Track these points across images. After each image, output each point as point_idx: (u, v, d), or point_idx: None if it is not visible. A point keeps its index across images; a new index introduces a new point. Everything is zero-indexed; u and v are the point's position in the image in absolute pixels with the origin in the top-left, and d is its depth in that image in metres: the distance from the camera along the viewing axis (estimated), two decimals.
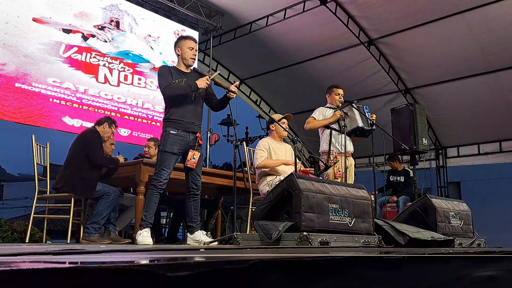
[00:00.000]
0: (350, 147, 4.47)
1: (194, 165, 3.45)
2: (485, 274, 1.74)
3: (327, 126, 4.44)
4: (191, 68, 3.67)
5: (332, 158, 4.34)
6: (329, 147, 4.38)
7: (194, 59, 3.61)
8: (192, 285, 0.85)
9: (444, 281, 1.56)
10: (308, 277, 1.11)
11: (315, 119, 4.46)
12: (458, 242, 3.59)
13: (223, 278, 0.91)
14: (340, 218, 2.79)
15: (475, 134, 8.23)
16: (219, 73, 3.61)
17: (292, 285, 1.06)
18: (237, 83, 3.79)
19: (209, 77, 3.51)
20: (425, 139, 6.31)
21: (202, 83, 3.41)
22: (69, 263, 0.83)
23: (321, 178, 3.91)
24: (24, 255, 1.16)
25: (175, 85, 3.41)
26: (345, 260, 1.25)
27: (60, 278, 0.71)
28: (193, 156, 3.44)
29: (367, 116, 4.48)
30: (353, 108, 4.44)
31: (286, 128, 4.36)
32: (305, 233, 2.50)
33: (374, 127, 4.47)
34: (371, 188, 4.22)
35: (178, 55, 3.59)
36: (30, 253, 1.23)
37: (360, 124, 4.38)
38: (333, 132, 4.43)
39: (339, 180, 4.29)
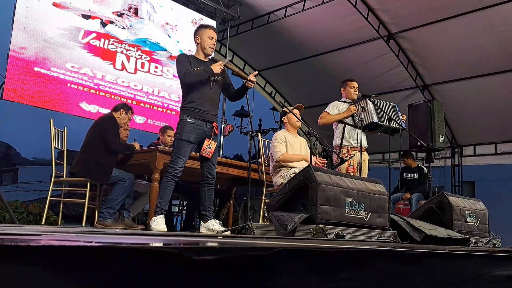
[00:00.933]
0: (364, 142, 4.43)
1: (210, 154, 3.45)
2: (504, 273, 1.71)
3: (340, 121, 4.40)
4: (209, 57, 3.67)
5: (344, 152, 4.31)
6: (341, 142, 4.36)
7: (213, 49, 3.61)
8: (217, 269, 0.85)
9: (463, 279, 1.54)
10: (329, 267, 1.10)
11: (328, 114, 4.43)
12: (473, 241, 3.55)
13: (247, 264, 0.91)
14: (356, 212, 2.78)
15: (493, 133, 8.09)
16: (229, 60, 3.58)
17: (313, 275, 1.06)
18: (256, 73, 3.77)
19: (223, 63, 3.50)
20: (442, 137, 6.22)
21: (217, 67, 3.42)
22: (84, 241, 0.83)
23: (336, 171, 3.88)
24: (46, 234, 1.17)
25: (192, 72, 3.41)
26: (366, 253, 1.24)
27: (88, 255, 0.71)
28: (209, 146, 3.44)
29: (399, 115, 4.42)
30: (370, 102, 4.39)
31: (300, 118, 4.32)
32: (320, 225, 2.50)
33: (404, 125, 4.40)
34: (385, 185, 4.17)
35: (197, 43, 3.58)
36: (53, 231, 1.24)
37: (375, 119, 4.33)
38: (347, 126, 4.39)
39: (352, 174, 4.26)
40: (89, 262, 0.69)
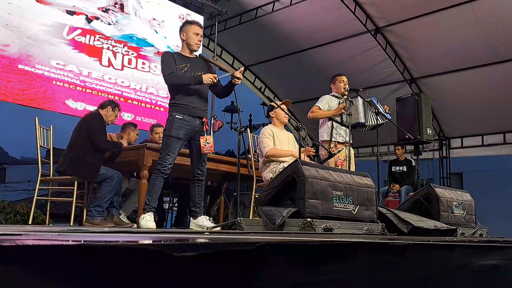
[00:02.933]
0: (351, 139, 4.48)
1: (212, 149, 3.45)
2: (489, 263, 1.73)
3: (329, 117, 4.44)
4: (197, 54, 3.64)
5: (333, 146, 4.34)
6: (330, 137, 4.41)
7: (199, 45, 3.58)
8: (199, 265, 0.84)
9: (448, 269, 1.55)
10: (314, 261, 1.10)
11: (320, 108, 4.46)
12: (460, 231, 3.59)
13: (229, 259, 0.90)
14: (344, 205, 2.80)
15: (480, 125, 8.18)
16: (230, 75, 3.52)
17: (298, 269, 1.06)
18: (242, 69, 3.76)
19: (217, 77, 3.47)
20: (430, 129, 6.28)
21: (207, 79, 3.38)
22: (73, 241, 0.82)
23: (324, 165, 3.90)
24: (28, 234, 1.16)
25: (178, 74, 3.38)
26: (351, 245, 1.24)
27: (64, 254, 0.70)
28: (207, 141, 3.43)
29: (380, 108, 4.46)
30: (359, 99, 4.42)
31: (287, 113, 4.33)
32: (308, 219, 2.51)
33: (389, 117, 4.44)
34: (374, 178, 4.20)
35: (183, 40, 3.56)
36: (34, 231, 1.22)
37: (362, 120, 4.39)
38: (334, 123, 4.44)
39: (340, 168, 4.30)
40: (65, 261, 0.68)
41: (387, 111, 4.45)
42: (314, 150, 4.36)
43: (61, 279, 0.68)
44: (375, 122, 4.40)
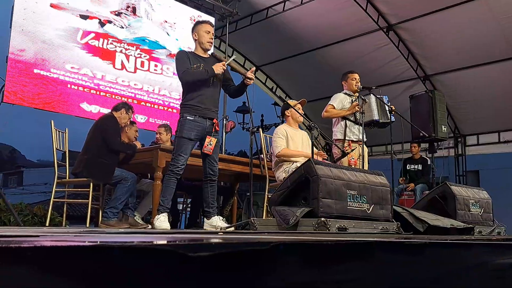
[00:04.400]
0: (364, 137, 4.46)
1: (211, 151, 3.47)
2: (507, 261, 1.70)
3: (343, 117, 4.44)
4: (209, 53, 3.66)
5: (347, 145, 4.33)
6: (344, 136, 4.40)
7: (211, 43, 3.61)
8: (213, 265, 0.84)
9: (465, 268, 1.53)
10: (328, 260, 1.10)
11: (334, 107, 4.45)
12: (478, 230, 3.54)
13: (244, 259, 0.91)
14: (358, 205, 2.79)
15: (496, 121, 8.05)
16: (234, 58, 3.59)
17: (313, 268, 1.05)
18: (253, 69, 3.77)
19: (225, 63, 3.50)
20: (444, 127, 6.19)
21: (218, 68, 3.42)
22: (89, 241, 0.83)
23: (337, 164, 3.88)
24: (45, 235, 1.18)
25: (192, 71, 3.41)
26: (366, 245, 1.24)
27: (81, 255, 0.71)
28: (210, 142, 3.45)
29: (387, 106, 4.44)
30: (372, 96, 4.40)
31: (302, 113, 4.33)
32: (322, 219, 2.51)
33: (393, 119, 4.43)
34: (388, 177, 4.17)
35: (195, 40, 3.59)
36: (51, 232, 1.24)
37: (376, 117, 4.37)
38: (348, 122, 4.43)
39: (353, 167, 4.28)
40: (82, 262, 0.69)
41: (393, 113, 4.43)
42: (327, 156, 4.36)
43: (78, 279, 0.69)
44: (389, 119, 4.38)
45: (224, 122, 7.41)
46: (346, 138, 4.41)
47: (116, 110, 4.30)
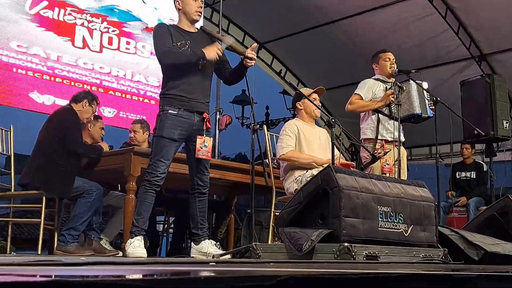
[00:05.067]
0: (402, 136, 4.48)
1: (209, 154, 3.48)
2: None
3: (374, 109, 4.45)
4: (197, 26, 3.67)
5: (379, 147, 4.34)
6: (376, 135, 4.42)
7: (200, 13, 3.63)
8: None
9: None
10: None
11: (361, 98, 4.46)
12: None
13: None
14: (393, 225, 2.80)
15: None
16: (234, 41, 3.59)
17: None
18: (255, 46, 3.78)
19: (222, 46, 3.51)
20: (506, 122, 6.18)
21: (211, 53, 3.42)
22: (41, 276, 0.83)
23: (366, 172, 3.89)
24: None
25: (176, 51, 3.42)
26: (402, 278, 1.24)
27: None
28: (205, 144, 3.46)
29: (427, 97, 4.45)
30: (411, 83, 4.40)
31: (318, 105, 4.33)
32: (346, 244, 2.52)
33: (432, 114, 4.45)
34: (432, 187, 4.17)
35: (178, 9, 3.61)
36: None
37: (417, 110, 4.38)
38: (381, 116, 4.45)
39: (388, 175, 4.28)
40: None
41: (431, 105, 4.44)
42: (354, 165, 4.37)
43: None
44: (427, 114, 4.40)
45: (218, 116, 7.41)
46: (379, 137, 4.42)
47: (76, 102, 4.32)
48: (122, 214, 4.20)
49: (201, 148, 3.47)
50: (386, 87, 4.48)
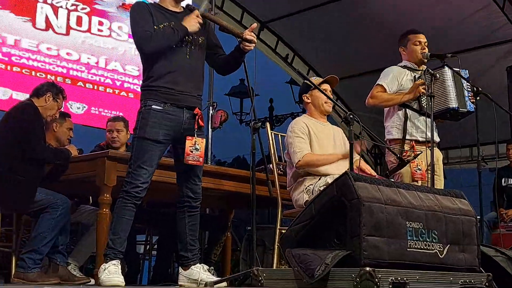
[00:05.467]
0: (436, 135, 4.48)
1: (201, 159, 3.48)
2: None
3: (401, 103, 4.47)
4: (183, 5, 3.68)
5: (408, 149, 4.34)
6: (404, 135, 4.42)
7: None
8: None
9: None
10: None
11: (385, 89, 4.46)
12: None
13: None
14: (425, 245, 2.80)
15: None
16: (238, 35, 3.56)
17: None
18: (255, 26, 3.78)
19: (220, 28, 3.52)
20: None
21: (192, 22, 3.42)
22: None
23: (392, 180, 3.89)
24: None
25: (157, 33, 3.42)
26: None
27: None
28: (196, 146, 3.45)
29: (466, 87, 4.45)
30: (447, 70, 4.41)
31: (331, 97, 4.33)
32: (368, 268, 2.51)
33: (472, 108, 4.44)
34: (473, 198, 4.17)
35: None
36: None
37: (453, 103, 4.38)
38: (409, 112, 4.46)
39: (419, 183, 4.28)
40: None
41: (471, 98, 4.44)
42: (375, 175, 4.36)
43: None
44: (466, 108, 4.39)
45: (211, 112, 7.43)
46: (407, 137, 4.42)
47: (38, 96, 4.32)
48: (94, 233, 4.20)
49: (191, 151, 3.46)
50: (415, 76, 4.48)
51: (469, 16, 7.83)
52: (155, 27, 3.44)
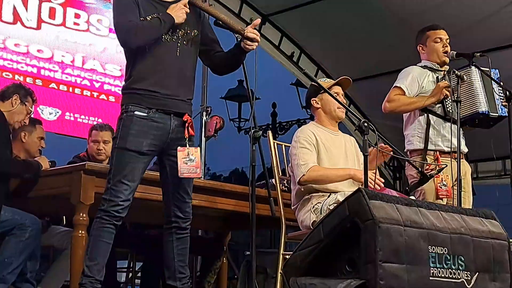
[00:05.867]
0: (463, 145, 4.49)
1: (198, 171, 3.51)
2: None
3: (423, 108, 4.49)
4: None
5: (431, 161, 4.34)
6: (425, 143, 4.45)
7: None
8: None
9: None
10: None
11: (403, 92, 4.47)
12: None
13: None
14: (450, 273, 2.80)
15: None
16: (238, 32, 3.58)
17: None
18: (258, 21, 3.80)
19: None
20: None
21: (178, 12, 3.44)
22: None
23: (412, 197, 3.89)
24: None
25: (143, 25, 3.43)
26: None
27: None
28: (190, 157, 3.46)
29: (496, 90, 4.46)
30: (474, 70, 4.42)
31: (343, 102, 4.34)
32: None
33: (505, 113, 4.45)
34: (505, 219, 4.17)
35: None
36: None
37: (483, 107, 4.40)
38: (432, 117, 4.49)
39: (444, 201, 4.28)
40: None
41: (503, 101, 4.45)
42: (381, 181, 4.34)
43: None
44: (497, 112, 4.39)
45: (204, 119, 7.44)
46: (430, 147, 4.44)
47: (3, 99, 4.34)
48: (68, 258, 4.20)
49: (186, 163, 3.46)
50: (437, 77, 4.49)
51: (496, 12, 7.84)
52: (141, 18, 3.46)
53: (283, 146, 4.66)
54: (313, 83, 4.44)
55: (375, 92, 6.64)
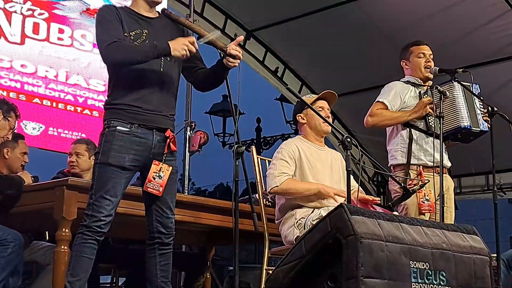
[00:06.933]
0: (446, 159, 4.52)
1: (161, 189, 3.47)
2: None
3: (406, 123, 4.51)
4: (158, 9, 3.69)
5: (414, 176, 4.36)
6: (408, 158, 4.46)
7: None
8: None
9: None
10: None
11: (386, 107, 4.50)
12: None
13: None
14: None
15: None
16: (220, 34, 3.60)
17: None
18: (241, 38, 3.80)
19: (199, 39, 3.53)
20: None
21: (179, 47, 3.40)
22: None
23: (396, 213, 3.90)
24: None
25: (128, 44, 3.43)
26: None
27: None
28: (159, 173, 3.46)
29: (478, 105, 4.49)
30: (456, 86, 4.45)
31: (328, 116, 4.35)
32: None
33: (486, 128, 4.48)
34: (487, 234, 4.18)
35: None
36: None
37: (466, 122, 4.43)
38: (415, 132, 4.51)
39: (427, 216, 4.29)
40: None
41: (485, 117, 4.48)
42: (379, 201, 4.36)
43: None
44: (479, 127, 4.42)
45: (188, 134, 7.44)
46: (414, 161, 4.46)
47: None
48: (51, 274, 4.17)
49: (154, 178, 3.46)
50: (420, 92, 4.51)
51: (482, 26, 7.90)
52: (125, 34, 3.46)
53: (267, 161, 4.67)
54: (298, 99, 4.45)
55: (359, 107, 6.65)
